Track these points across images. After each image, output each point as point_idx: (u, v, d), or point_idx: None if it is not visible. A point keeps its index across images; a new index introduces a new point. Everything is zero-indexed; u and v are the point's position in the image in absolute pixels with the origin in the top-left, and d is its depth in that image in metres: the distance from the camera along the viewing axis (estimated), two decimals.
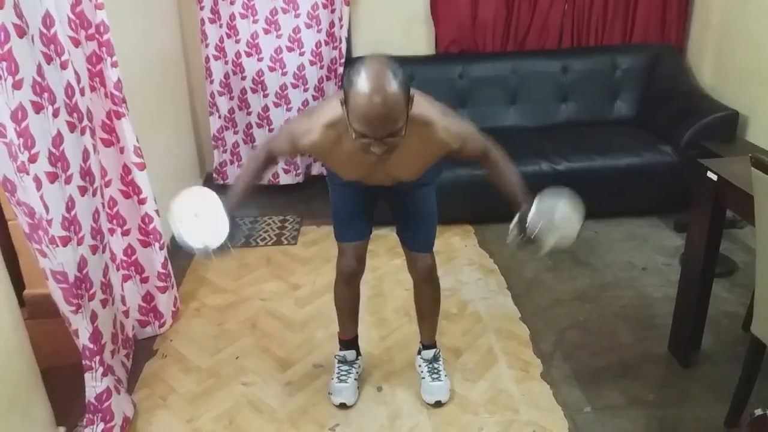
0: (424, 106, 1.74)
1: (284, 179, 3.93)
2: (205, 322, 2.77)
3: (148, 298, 2.62)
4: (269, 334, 2.68)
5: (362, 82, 1.51)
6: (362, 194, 2.12)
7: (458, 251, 3.27)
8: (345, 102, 1.59)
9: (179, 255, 3.09)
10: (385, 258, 3.21)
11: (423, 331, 2.35)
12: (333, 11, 3.66)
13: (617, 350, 2.52)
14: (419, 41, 3.88)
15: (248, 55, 3.69)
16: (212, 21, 3.63)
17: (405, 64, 1.70)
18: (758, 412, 1.89)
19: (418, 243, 2.17)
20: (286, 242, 3.40)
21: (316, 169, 4.05)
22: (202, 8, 3.58)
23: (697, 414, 2.18)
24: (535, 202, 1.83)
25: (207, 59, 3.70)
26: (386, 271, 3.11)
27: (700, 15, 3.80)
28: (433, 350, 2.34)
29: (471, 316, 2.76)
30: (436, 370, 2.31)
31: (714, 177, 2.13)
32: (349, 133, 1.66)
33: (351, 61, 3.79)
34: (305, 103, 3.86)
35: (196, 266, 3.19)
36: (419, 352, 2.39)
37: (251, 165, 2.00)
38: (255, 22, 3.63)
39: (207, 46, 3.68)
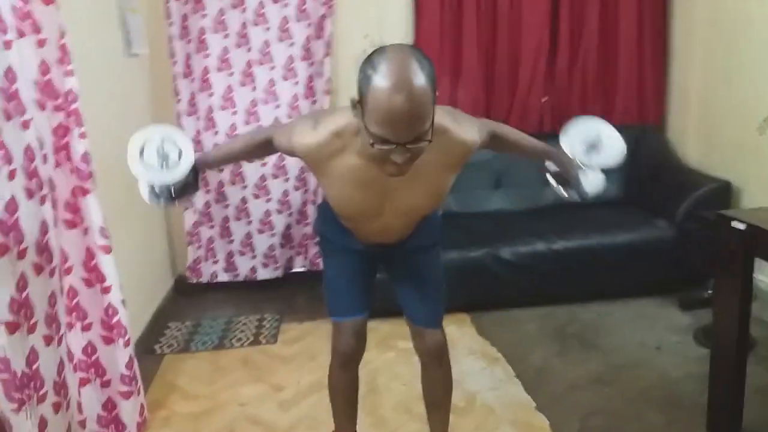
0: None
1: (262, 274, 3.67)
2: None
3: (109, 405, 2.25)
4: None
5: (383, 75, 1.28)
6: (361, 261, 1.89)
7: (456, 340, 2.98)
8: (359, 102, 1.35)
9: (147, 359, 2.76)
10: (376, 352, 2.90)
11: (434, 427, 2.04)
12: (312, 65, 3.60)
13: None
14: None
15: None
16: (190, 114, 3.51)
17: None
18: None
19: (427, 315, 1.91)
20: (264, 341, 3.08)
21: (299, 264, 3.82)
22: (178, 101, 3.46)
23: None
24: (565, 131, 1.77)
25: None
26: (379, 365, 2.79)
27: (678, 93, 3.84)
28: None
29: (481, 408, 2.45)
30: None
31: (741, 226, 1.97)
32: (356, 144, 1.46)
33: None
34: (285, 193, 3.70)
35: (164, 370, 2.83)
36: None
37: (244, 138, 1.85)
38: (234, 114, 3.55)
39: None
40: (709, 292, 3.28)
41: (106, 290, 2.15)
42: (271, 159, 3.63)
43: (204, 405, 2.56)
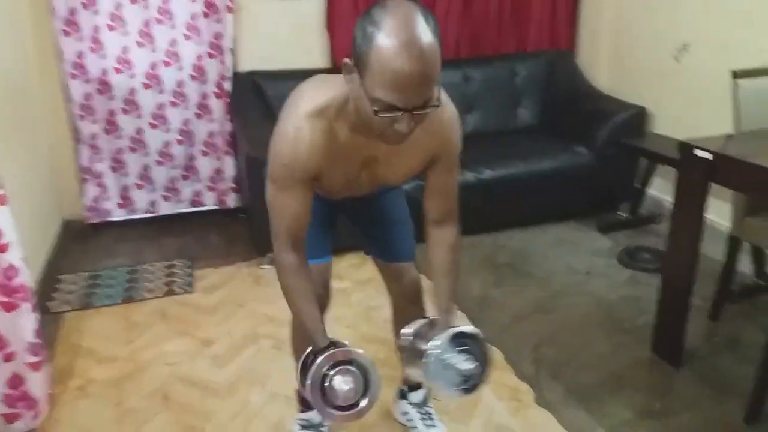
0: None
1: (164, 208, 3.33)
2: (96, 404, 2.08)
3: (15, 381, 1.89)
4: (189, 406, 2.07)
5: (389, 33, 1.09)
6: (325, 208, 1.67)
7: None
8: (358, 66, 1.15)
9: (42, 320, 2.39)
10: None
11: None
12: (219, 21, 3.19)
13: (602, 361, 2.26)
14: (313, 54, 3.49)
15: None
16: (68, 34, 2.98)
17: (300, 77, 1.37)
18: None
19: (401, 249, 1.75)
20: (180, 291, 2.77)
21: (209, 201, 3.50)
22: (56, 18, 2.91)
23: (714, 415, 1.96)
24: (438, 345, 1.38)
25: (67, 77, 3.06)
26: None
27: (589, 20, 3.83)
28: (423, 391, 1.91)
29: None
30: (429, 415, 1.88)
31: (707, 155, 1.96)
32: (342, 118, 1.29)
33: (237, 79, 3.32)
34: (186, 122, 3.31)
35: (67, 332, 2.46)
36: (402, 396, 1.93)
37: (300, 284, 1.48)
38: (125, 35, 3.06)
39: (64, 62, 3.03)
40: (623, 214, 3.41)
41: (2, 248, 1.76)
42: (169, 84, 3.23)
43: (124, 368, 2.26)
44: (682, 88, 3.24)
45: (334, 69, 3.48)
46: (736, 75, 2.33)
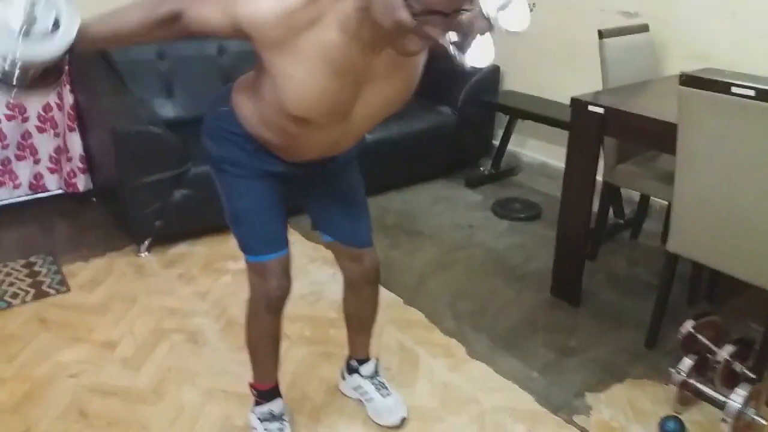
0: None
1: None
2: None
3: None
4: (115, 418, 1.85)
5: None
6: (280, 185, 1.55)
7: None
8: None
9: None
10: (208, 279, 2.55)
11: (358, 346, 1.90)
12: None
13: (511, 307, 2.44)
14: None
15: None
16: None
17: None
18: (689, 326, 2.00)
19: (363, 233, 1.71)
20: (52, 291, 2.42)
21: (53, 185, 3.06)
22: None
23: (619, 345, 2.22)
24: None
25: None
26: (222, 293, 2.47)
27: None
28: (373, 362, 1.90)
29: None
30: (382, 384, 1.89)
31: (600, 110, 2.16)
32: (337, 13, 1.15)
33: None
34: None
35: None
36: (352, 372, 1.91)
37: (141, 9, 1.23)
38: None
39: None
40: (484, 169, 3.64)
41: None
42: None
43: (18, 389, 1.95)
44: (528, 46, 3.49)
45: None
46: (602, 35, 2.57)
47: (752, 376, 1.82)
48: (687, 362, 1.88)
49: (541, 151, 3.67)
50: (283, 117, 1.30)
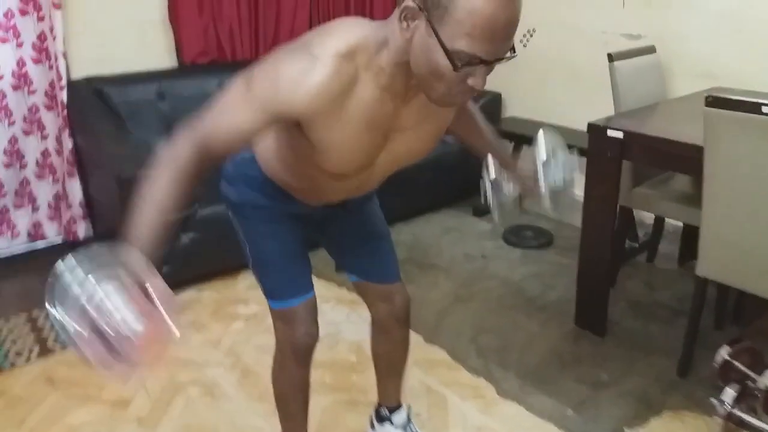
0: None
1: None
2: None
3: None
4: None
5: None
6: (303, 227, 1.50)
7: None
8: (430, 10, 0.97)
9: None
10: (219, 324, 2.46)
11: (389, 392, 1.81)
12: (41, 19, 2.67)
13: (535, 341, 2.36)
14: (157, 52, 3.09)
15: None
16: None
17: (148, 80, 1.18)
18: (725, 354, 1.93)
19: (390, 268, 1.65)
20: (59, 347, 2.32)
21: (52, 233, 2.97)
22: None
23: (651, 374, 2.15)
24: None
25: None
26: (235, 340, 2.38)
27: None
28: (405, 409, 1.82)
29: None
30: None
31: (619, 135, 2.11)
32: (374, 68, 1.09)
33: (73, 87, 2.84)
34: (12, 140, 2.77)
35: None
36: (383, 420, 1.82)
37: (170, 174, 1.06)
38: None
39: None
40: None
41: None
42: None
43: None
44: (530, 71, 3.47)
45: (182, 68, 3.15)
46: (612, 58, 2.54)
47: None
48: (730, 393, 1.81)
49: None
50: (315, 169, 1.24)
